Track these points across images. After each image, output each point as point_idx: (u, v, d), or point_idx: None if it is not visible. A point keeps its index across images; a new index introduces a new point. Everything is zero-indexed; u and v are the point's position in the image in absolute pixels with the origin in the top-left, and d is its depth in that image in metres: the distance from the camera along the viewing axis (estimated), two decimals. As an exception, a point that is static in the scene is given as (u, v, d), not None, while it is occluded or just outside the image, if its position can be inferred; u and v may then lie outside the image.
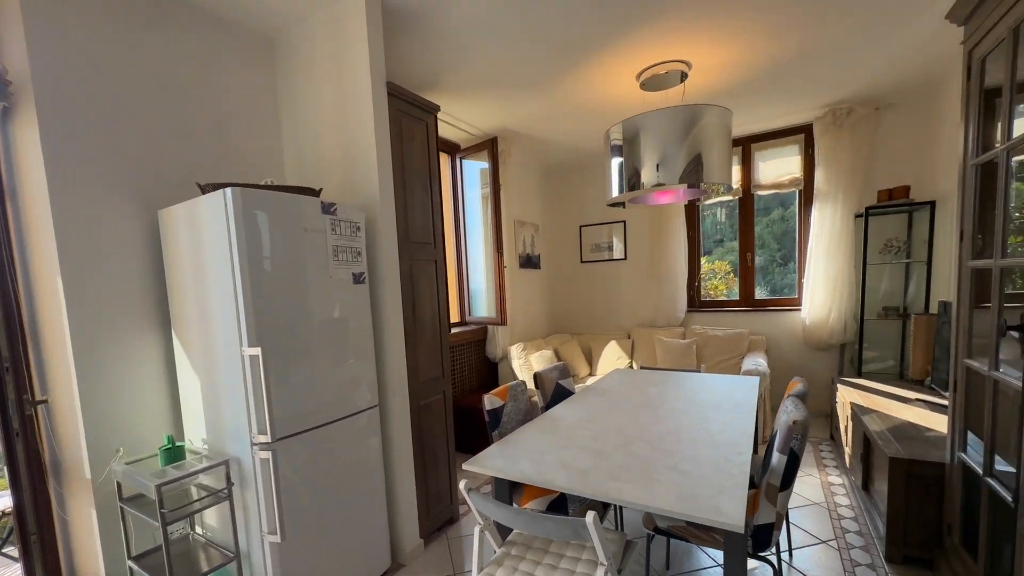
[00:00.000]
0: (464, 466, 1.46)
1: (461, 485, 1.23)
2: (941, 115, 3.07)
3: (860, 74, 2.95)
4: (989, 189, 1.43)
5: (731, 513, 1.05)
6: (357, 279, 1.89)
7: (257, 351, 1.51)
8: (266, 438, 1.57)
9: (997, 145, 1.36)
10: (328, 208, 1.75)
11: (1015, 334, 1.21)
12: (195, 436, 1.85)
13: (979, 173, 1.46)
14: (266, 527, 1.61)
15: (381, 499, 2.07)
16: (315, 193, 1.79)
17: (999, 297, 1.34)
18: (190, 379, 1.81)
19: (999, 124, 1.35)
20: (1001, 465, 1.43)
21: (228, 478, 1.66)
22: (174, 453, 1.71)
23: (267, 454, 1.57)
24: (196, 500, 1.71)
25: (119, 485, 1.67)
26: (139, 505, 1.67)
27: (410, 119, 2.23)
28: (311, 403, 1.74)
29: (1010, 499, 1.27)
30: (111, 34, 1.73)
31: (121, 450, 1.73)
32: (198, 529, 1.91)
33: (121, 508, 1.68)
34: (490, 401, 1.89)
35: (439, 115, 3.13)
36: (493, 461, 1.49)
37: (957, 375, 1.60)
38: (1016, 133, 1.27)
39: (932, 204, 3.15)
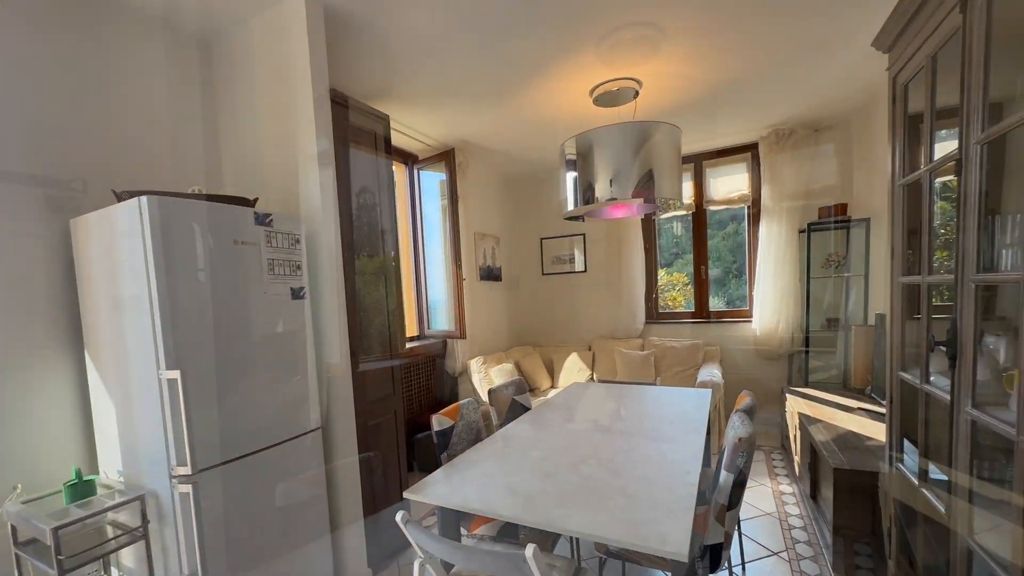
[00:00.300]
0: (405, 495, 1.37)
1: (398, 517, 1.15)
2: (873, 137, 3.26)
3: (799, 97, 3.10)
4: (916, 208, 1.49)
5: (676, 541, 1.02)
6: (296, 294, 1.78)
7: (176, 374, 1.38)
8: (186, 470, 1.43)
9: (922, 166, 1.42)
10: (263, 219, 1.64)
11: (943, 348, 1.25)
12: (111, 469, 1.68)
13: (906, 193, 1.52)
14: (187, 568, 1.46)
15: (324, 529, 1.93)
16: (250, 203, 1.68)
17: (927, 312, 1.39)
18: (105, 405, 1.64)
19: (923, 147, 1.41)
20: (936, 474, 1.48)
21: (144, 515, 1.50)
22: (82, 489, 1.54)
23: (187, 487, 1.43)
24: (111, 539, 1.54)
25: (13, 528, 1.47)
26: (39, 550, 1.48)
27: (357, 128, 2.15)
28: (243, 428, 1.60)
29: (943, 509, 1.31)
30: (14, 22, 1.58)
31: (19, 487, 1.54)
32: (115, 572, 1.72)
33: (16, 555, 1.48)
34: (438, 422, 1.80)
35: (394, 125, 3.07)
36: (436, 488, 1.41)
37: (892, 387, 1.65)
38: (937, 155, 1.34)
39: (867, 221, 3.33)
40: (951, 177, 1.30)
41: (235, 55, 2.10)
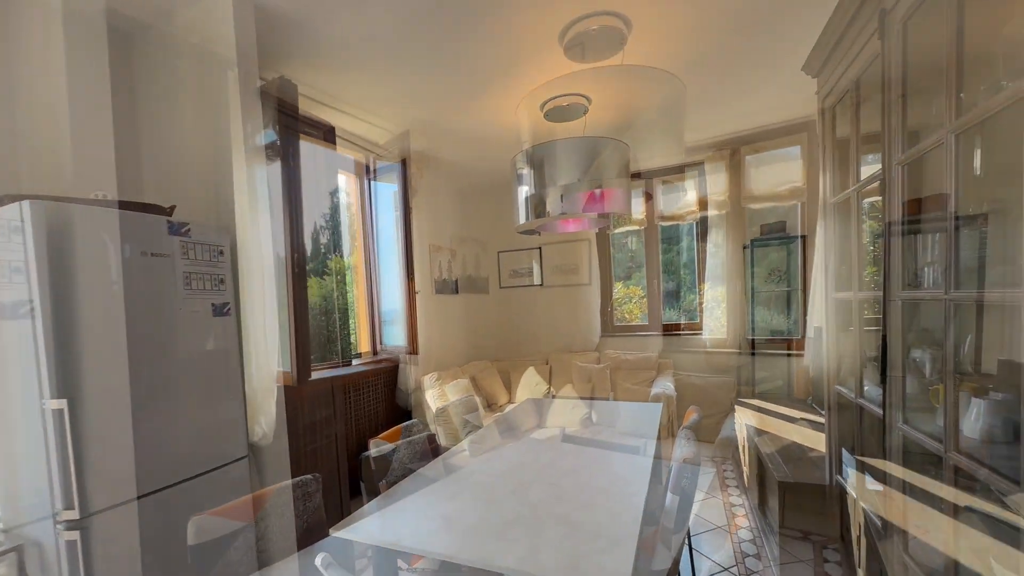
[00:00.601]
0: (331, 532, 1.25)
1: (318, 561, 1.03)
2: (808, 157, 3.45)
3: (741, 119, 3.25)
4: (846, 226, 1.54)
5: None
6: (219, 310, 1.63)
7: (62, 404, 1.21)
8: (73, 514, 1.24)
9: (850, 186, 1.47)
10: (178, 229, 1.49)
11: (876, 363, 1.28)
12: (-12, 513, 1.45)
13: (836, 211, 1.58)
14: (73, 629, 1.27)
15: (252, 567, 1.75)
16: (164, 211, 1.53)
17: (859, 327, 1.43)
18: (-18, 440, 1.42)
19: (851, 166, 1.46)
20: (873, 484, 1.51)
21: (21, 568, 1.30)
22: (-54, 541, 1.31)
23: (74, 534, 1.24)
24: (-15, 597, 1.32)
25: None
26: None
27: (295, 133, 2.03)
28: (154, 461, 1.43)
29: (880, 523, 1.32)
30: None
31: None
32: (-10, 634, 1.47)
33: None
34: (376, 446, 1.69)
35: (347, 135, 2.94)
36: (368, 523, 1.30)
37: (830, 400, 1.69)
38: (863, 176, 1.39)
39: (803, 238, 3.50)
40: (878, 198, 1.35)
41: (158, 51, 1.94)
